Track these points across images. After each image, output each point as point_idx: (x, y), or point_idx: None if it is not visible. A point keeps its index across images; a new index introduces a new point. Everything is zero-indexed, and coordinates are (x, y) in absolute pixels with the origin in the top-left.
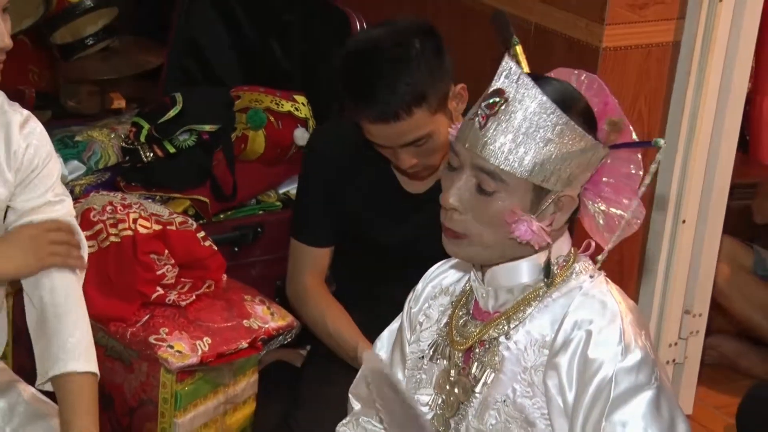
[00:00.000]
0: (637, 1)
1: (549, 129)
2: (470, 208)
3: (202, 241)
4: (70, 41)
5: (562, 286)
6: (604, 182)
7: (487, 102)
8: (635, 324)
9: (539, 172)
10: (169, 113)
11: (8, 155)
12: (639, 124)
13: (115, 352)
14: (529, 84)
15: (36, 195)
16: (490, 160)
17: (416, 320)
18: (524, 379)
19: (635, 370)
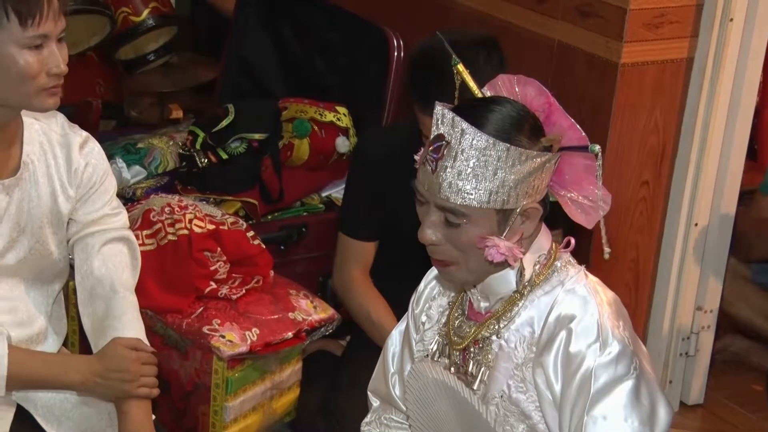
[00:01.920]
0: (654, 20)
1: (493, 160)
2: (445, 239)
3: (252, 240)
4: (133, 57)
5: (545, 284)
6: (567, 176)
7: (432, 147)
8: (613, 317)
9: (496, 199)
10: (222, 123)
11: (69, 173)
12: (655, 133)
13: (172, 340)
14: (464, 125)
15: (95, 209)
16: (449, 200)
17: (419, 320)
18: (517, 375)
19: (614, 363)
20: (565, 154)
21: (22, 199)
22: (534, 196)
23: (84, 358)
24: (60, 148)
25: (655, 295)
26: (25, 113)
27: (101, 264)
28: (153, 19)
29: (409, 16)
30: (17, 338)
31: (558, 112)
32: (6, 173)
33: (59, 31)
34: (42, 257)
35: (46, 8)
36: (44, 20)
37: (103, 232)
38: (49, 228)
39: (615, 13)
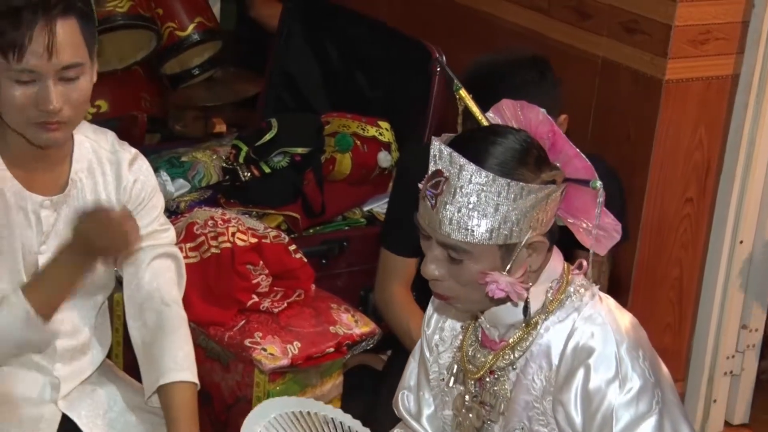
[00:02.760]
0: (699, 37)
1: (494, 195)
2: (448, 275)
3: (294, 253)
4: (178, 71)
5: (559, 311)
6: (574, 204)
7: (431, 183)
8: (632, 347)
9: (498, 234)
10: (265, 137)
11: (118, 190)
12: (699, 150)
13: (214, 353)
14: (462, 161)
15: (143, 225)
16: (450, 236)
17: (432, 342)
18: (536, 408)
19: (635, 400)
20: (573, 183)
21: (69, 215)
22: (539, 229)
23: None
24: (109, 165)
25: (699, 312)
26: (77, 131)
27: (151, 278)
28: (198, 34)
29: (452, 32)
30: (62, 348)
31: (562, 141)
32: (54, 190)
33: (59, 67)
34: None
35: (29, 44)
36: (28, 56)
37: (152, 248)
38: None
39: (660, 29)
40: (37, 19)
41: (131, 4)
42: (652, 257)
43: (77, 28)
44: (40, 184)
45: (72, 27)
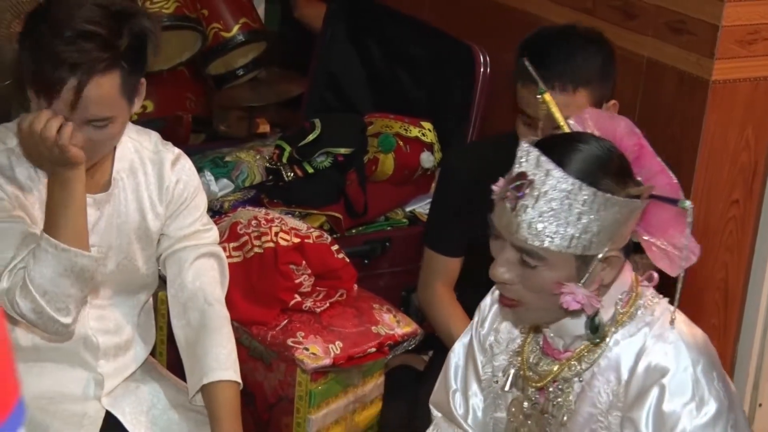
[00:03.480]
0: (747, 37)
1: (578, 204)
2: (518, 279)
3: (336, 253)
4: (222, 72)
5: (629, 324)
6: (654, 222)
7: (514, 185)
8: (707, 368)
9: (577, 244)
10: (309, 137)
11: (161, 190)
12: (746, 151)
13: (257, 352)
14: (551, 165)
15: (186, 224)
16: (528, 241)
17: (486, 343)
18: (600, 422)
19: (710, 425)
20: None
21: (112, 214)
22: (617, 243)
23: None
24: (152, 165)
25: (745, 315)
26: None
27: (195, 278)
28: (243, 35)
29: (496, 32)
30: (105, 345)
31: (649, 155)
32: (97, 189)
33: (86, 119)
34: (129, 272)
35: (65, 98)
36: (60, 106)
37: (195, 248)
38: (137, 244)
39: (707, 29)
40: (69, 78)
41: (177, 5)
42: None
43: (117, 83)
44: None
45: (111, 83)
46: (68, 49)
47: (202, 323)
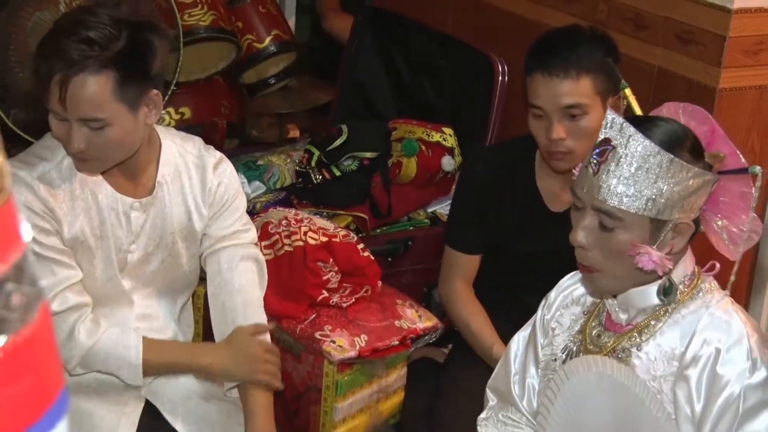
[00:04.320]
0: (753, 47)
1: (655, 168)
2: (596, 244)
3: (362, 251)
4: (255, 81)
5: (690, 303)
6: (721, 201)
7: (597, 151)
8: (759, 342)
9: (652, 207)
10: (336, 142)
11: (204, 192)
12: (751, 156)
13: (287, 344)
14: (632, 131)
15: (227, 225)
16: (607, 202)
17: (549, 326)
18: (653, 387)
19: (762, 386)
20: (723, 179)
21: (156, 216)
22: (688, 213)
23: (211, 344)
24: (195, 169)
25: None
26: (165, 137)
27: (234, 279)
28: (275, 46)
29: (514, 43)
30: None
31: (721, 140)
32: (143, 193)
33: (79, 117)
34: (173, 269)
35: (53, 92)
36: (53, 100)
37: (235, 248)
38: (182, 243)
39: (714, 40)
40: (56, 71)
41: (213, 18)
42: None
43: (108, 85)
44: (129, 187)
45: (101, 84)
46: (62, 45)
47: (238, 324)
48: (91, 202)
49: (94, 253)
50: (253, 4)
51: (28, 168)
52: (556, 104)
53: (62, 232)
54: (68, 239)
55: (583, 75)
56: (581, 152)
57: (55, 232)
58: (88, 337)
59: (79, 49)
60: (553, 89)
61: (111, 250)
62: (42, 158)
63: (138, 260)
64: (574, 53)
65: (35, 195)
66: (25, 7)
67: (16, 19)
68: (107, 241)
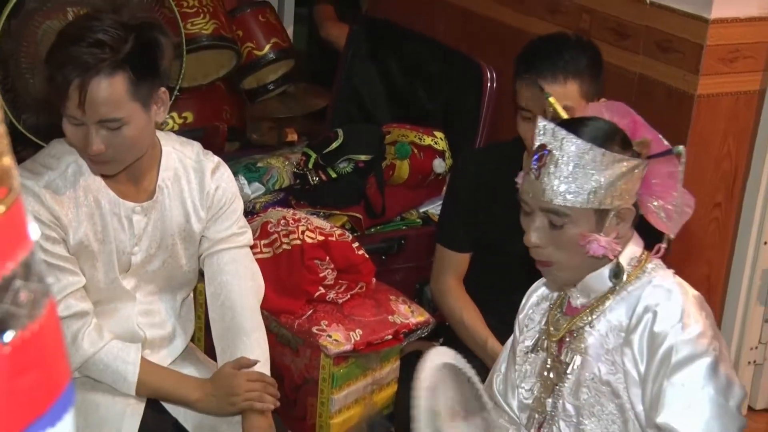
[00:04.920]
0: (729, 55)
1: (591, 163)
2: (549, 242)
3: (357, 250)
4: (255, 87)
5: (636, 282)
6: (653, 183)
7: (536, 156)
8: (697, 306)
9: (594, 199)
10: (332, 145)
11: (202, 195)
12: (728, 159)
13: (285, 339)
14: (564, 133)
15: (224, 227)
16: (552, 202)
17: (523, 323)
18: (608, 359)
19: (693, 341)
20: (652, 162)
21: (157, 219)
22: (626, 199)
23: (201, 381)
24: (194, 173)
25: (726, 307)
26: (165, 143)
27: (231, 281)
28: (273, 53)
29: (502, 51)
30: (151, 337)
31: (643, 128)
32: (144, 197)
33: (97, 119)
34: (173, 269)
35: (73, 98)
36: (71, 106)
37: (232, 250)
38: (181, 244)
39: (693, 48)
40: (73, 77)
41: (215, 27)
42: (683, 257)
43: (123, 85)
44: (131, 191)
45: (116, 84)
46: (76, 51)
47: (236, 326)
48: (95, 207)
49: (97, 257)
50: (253, 14)
51: (35, 177)
52: (544, 107)
53: (68, 239)
54: (73, 245)
55: (570, 79)
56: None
57: (61, 240)
58: (91, 346)
59: (91, 53)
60: (540, 93)
61: (113, 253)
62: (48, 167)
63: (141, 261)
64: (561, 59)
65: (42, 204)
66: (35, 17)
67: (27, 27)
68: (110, 245)
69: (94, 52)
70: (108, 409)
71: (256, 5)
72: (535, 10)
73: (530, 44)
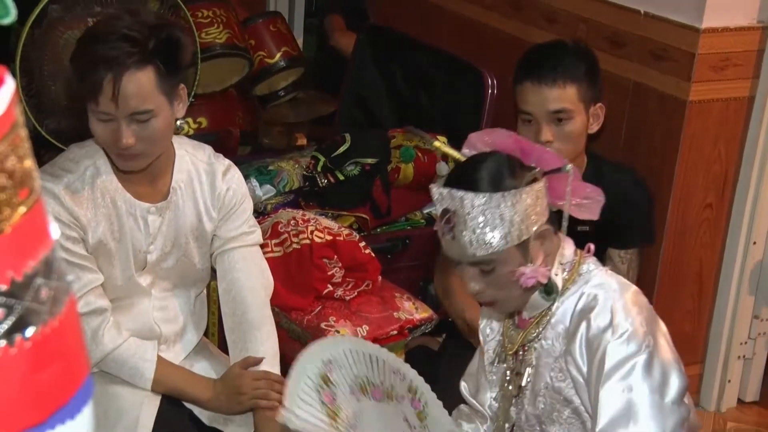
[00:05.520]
0: (720, 63)
1: (494, 209)
2: (486, 285)
3: (363, 249)
4: (266, 93)
5: (573, 286)
6: (558, 192)
7: (442, 221)
8: (629, 302)
9: (510, 237)
10: (340, 149)
11: (213, 196)
12: (718, 163)
13: (295, 334)
14: (460, 192)
15: (234, 227)
16: (475, 255)
17: (484, 333)
18: (556, 367)
19: (625, 343)
20: (550, 178)
21: (171, 219)
22: (540, 219)
23: (212, 381)
24: (206, 176)
25: (717, 304)
26: (178, 146)
27: (242, 277)
28: (284, 61)
29: (502, 58)
30: (166, 332)
31: (528, 146)
32: (158, 198)
33: (126, 113)
34: (187, 266)
35: (100, 93)
36: (101, 101)
37: (242, 248)
38: (194, 243)
39: (685, 56)
40: (106, 73)
41: (228, 36)
42: (676, 255)
43: (153, 78)
44: (146, 193)
45: (145, 78)
46: (104, 48)
47: (246, 321)
48: (112, 208)
49: (114, 255)
50: (265, 24)
51: (55, 180)
52: (545, 109)
53: (87, 238)
54: (92, 244)
55: (569, 83)
56: (566, 154)
57: (80, 239)
58: (111, 342)
59: (121, 48)
60: (542, 96)
61: (129, 251)
62: (67, 170)
63: (156, 259)
64: (561, 64)
65: (62, 205)
66: (58, 26)
67: (50, 37)
68: (126, 244)
69: (123, 47)
70: (126, 401)
71: (267, 15)
72: (534, 20)
73: (531, 50)
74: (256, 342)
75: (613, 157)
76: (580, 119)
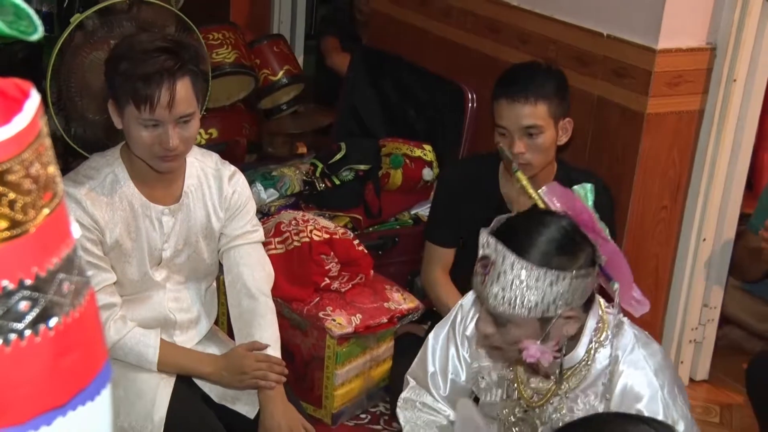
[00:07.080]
0: (673, 80)
1: (532, 281)
2: (495, 333)
3: (357, 246)
4: (270, 107)
5: (604, 350)
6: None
7: (481, 263)
8: (671, 389)
9: (535, 311)
10: (336, 156)
11: (220, 199)
12: (672, 169)
13: (296, 322)
14: (506, 252)
15: (239, 226)
16: (496, 309)
17: (463, 334)
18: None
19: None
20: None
21: (183, 219)
22: (574, 303)
23: (214, 357)
24: (214, 180)
25: (671, 295)
26: (189, 154)
27: (246, 272)
28: (286, 79)
29: (481, 75)
30: (181, 320)
31: (598, 229)
32: (171, 201)
33: (176, 117)
34: (197, 262)
35: (158, 100)
36: (156, 109)
37: (246, 245)
38: (203, 240)
39: (643, 74)
40: (163, 81)
41: (236, 56)
42: (635, 252)
43: (190, 85)
44: (160, 196)
45: (186, 85)
46: (151, 64)
47: (250, 310)
48: (129, 211)
49: (130, 253)
50: (269, 45)
51: (78, 186)
52: (518, 124)
53: (104, 240)
54: (110, 244)
55: (540, 101)
56: (537, 164)
57: (98, 241)
58: (116, 333)
59: (167, 60)
60: (516, 112)
61: (144, 250)
62: (88, 177)
63: (170, 256)
64: (533, 83)
65: (84, 210)
66: (84, 48)
67: (76, 57)
68: (142, 243)
69: (167, 58)
70: (144, 383)
71: (271, 38)
72: (509, 41)
73: (507, 71)
74: (259, 329)
75: (580, 165)
76: (550, 133)
